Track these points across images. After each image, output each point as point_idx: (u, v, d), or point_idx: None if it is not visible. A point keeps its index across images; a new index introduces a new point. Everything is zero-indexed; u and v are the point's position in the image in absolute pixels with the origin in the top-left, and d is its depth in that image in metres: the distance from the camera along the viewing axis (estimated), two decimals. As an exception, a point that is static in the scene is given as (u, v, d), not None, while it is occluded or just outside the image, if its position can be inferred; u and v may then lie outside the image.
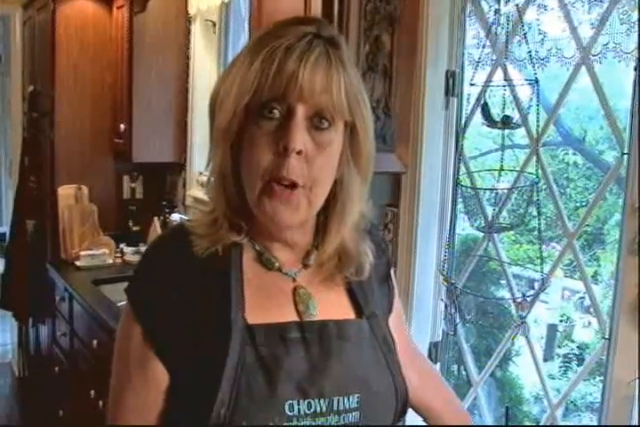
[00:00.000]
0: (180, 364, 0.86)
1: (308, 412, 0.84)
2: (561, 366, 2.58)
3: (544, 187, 1.75)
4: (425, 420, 1.18)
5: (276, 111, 0.83)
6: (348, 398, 0.87)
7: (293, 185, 0.84)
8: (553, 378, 2.38)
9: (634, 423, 1.51)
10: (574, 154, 2.78)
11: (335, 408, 0.86)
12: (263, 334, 0.86)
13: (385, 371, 0.94)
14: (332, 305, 0.95)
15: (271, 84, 0.81)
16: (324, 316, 0.92)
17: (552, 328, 3.06)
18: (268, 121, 0.83)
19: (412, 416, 1.11)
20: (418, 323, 2.00)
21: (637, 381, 1.44)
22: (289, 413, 0.83)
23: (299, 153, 0.83)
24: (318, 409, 0.85)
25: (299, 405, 0.84)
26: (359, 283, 0.98)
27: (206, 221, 0.90)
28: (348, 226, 0.93)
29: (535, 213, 1.71)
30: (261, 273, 0.93)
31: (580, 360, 2.93)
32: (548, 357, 2.58)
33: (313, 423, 0.85)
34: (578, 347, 3.07)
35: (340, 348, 0.90)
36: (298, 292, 0.93)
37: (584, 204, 2.58)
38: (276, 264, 0.93)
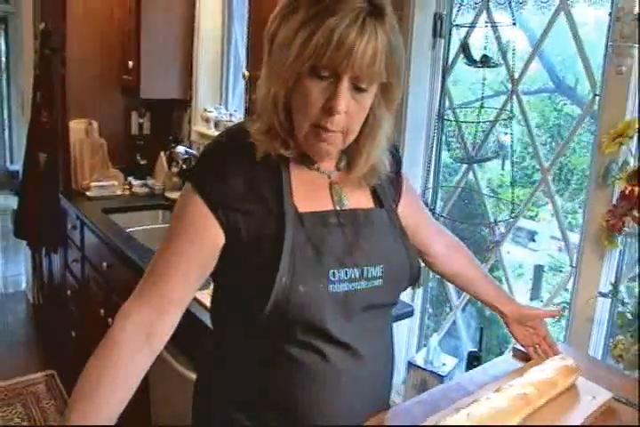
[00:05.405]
0: (243, 238, 1.06)
1: (345, 278, 1.09)
2: (545, 305, 2.70)
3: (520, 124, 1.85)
4: (455, 285, 1.49)
5: (327, 74, 0.98)
6: (375, 268, 1.12)
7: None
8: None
9: (591, 342, 1.64)
10: (572, 104, 2.84)
11: (365, 275, 1.11)
12: (310, 219, 1.09)
13: (402, 249, 1.18)
14: (359, 199, 1.18)
15: (329, 57, 0.95)
16: (353, 206, 1.15)
17: (538, 269, 3.18)
18: (320, 80, 0.98)
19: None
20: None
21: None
22: (332, 278, 1.07)
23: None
24: (353, 276, 1.10)
25: (339, 273, 1.08)
26: (379, 185, 1.20)
27: (262, 127, 1.06)
28: (378, 149, 1.12)
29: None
30: (304, 171, 1.13)
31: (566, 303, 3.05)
32: (534, 296, 2.67)
33: (349, 287, 1.09)
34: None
35: (367, 230, 1.14)
36: (333, 186, 1.15)
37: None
38: (316, 164, 1.13)
